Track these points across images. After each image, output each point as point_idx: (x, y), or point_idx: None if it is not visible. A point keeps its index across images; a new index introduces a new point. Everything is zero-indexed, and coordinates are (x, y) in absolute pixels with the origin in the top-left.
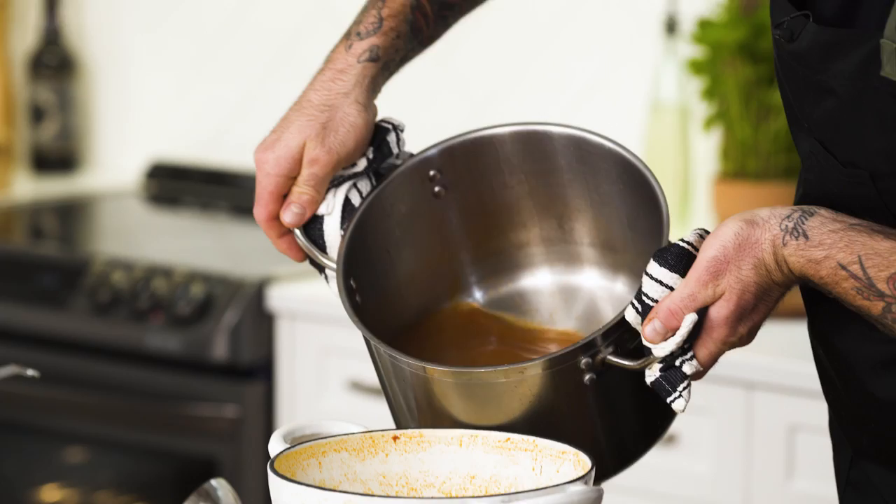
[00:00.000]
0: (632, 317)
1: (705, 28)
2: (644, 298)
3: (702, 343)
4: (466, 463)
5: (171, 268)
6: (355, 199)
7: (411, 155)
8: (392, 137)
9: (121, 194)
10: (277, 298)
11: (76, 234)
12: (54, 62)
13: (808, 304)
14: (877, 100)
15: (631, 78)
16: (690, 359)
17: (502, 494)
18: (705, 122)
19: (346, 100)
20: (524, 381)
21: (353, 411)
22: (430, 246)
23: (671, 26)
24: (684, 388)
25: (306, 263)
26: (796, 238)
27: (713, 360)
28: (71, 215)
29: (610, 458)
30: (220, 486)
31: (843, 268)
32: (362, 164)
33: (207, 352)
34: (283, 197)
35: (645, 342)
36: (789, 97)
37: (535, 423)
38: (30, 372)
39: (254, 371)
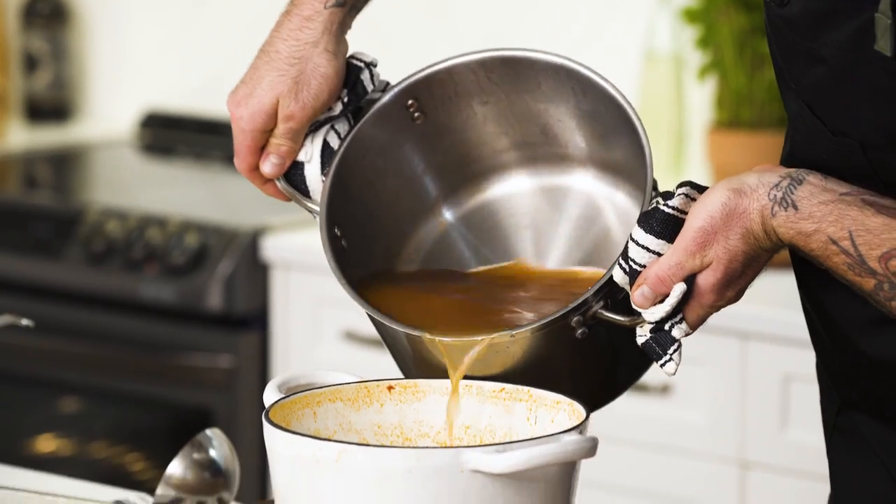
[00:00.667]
0: (619, 277)
1: None
2: (631, 263)
3: (690, 308)
4: (461, 413)
5: (166, 217)
6: (334, 142)
7: (387, 85)
8: (366, 75)
9: (114, 144)
10: (272, 248)
11: (70, 184)
12: (47, 11)
13: (796, 263)
14: (869, 72)
15: (625, 27)
16: (680, 322)
17: (497, 444)
18: (699, 71)
19: (316, 50)
20: (515, 342)
21: (347, 361)
22: (412, 170)
23: None
24: (674, 351)
25: (302, 213)
26: (785, 209)
27: (702, 321)
28: (65, 165)
29: (596, 396)
30: (214, 435)
31: (834, 243)
32: (338, 108)
33: (202, 302)
34: (262, 149)
35: (635, 306)
36: (778, 59)
37: (528, 373)
38: (24, 321)
39: (248, 321)
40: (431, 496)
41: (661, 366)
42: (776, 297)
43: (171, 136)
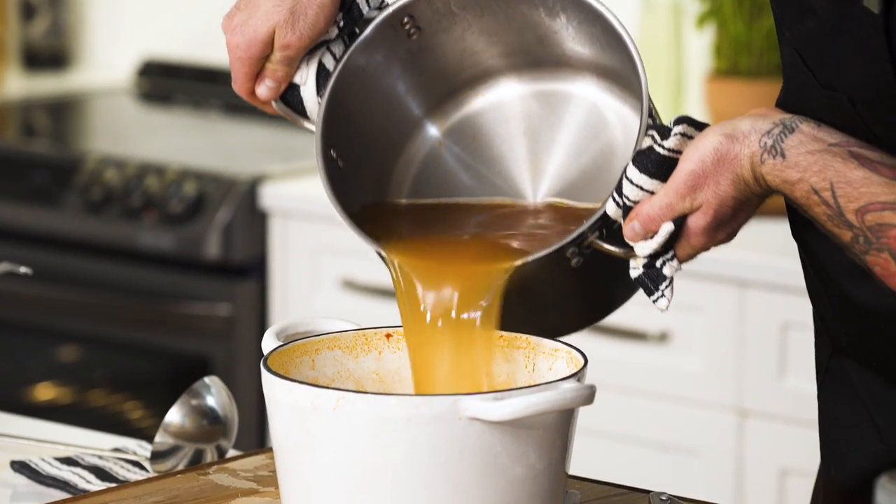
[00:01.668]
0: (612, 211)
1: None
2: (625, 199)
3: (680, 247)
4: None
5: (164, 166)
6: (329, 64)
7: (383, 3)
8: None
9: (113, 92)
10: (270, 196)
11: (68, 132)
12: None
13: (790, 209)
14: (857, 28)
15: None
16: (671, 259)
17: (495, 392)
18: (698, 18)
19: None
20: (512, 272)
21: (345, 309)
22: (403, 86)
23: None
24: (666, 287)
25: (301, 161)
26: (774, 157)
27: (692, 258)
28: (62, 113)
29: (587, 317)
30: (212, 383)
31: (816, 193)
32: (334, 31)
33: (200, 250)
34: (259, 73)
35: (626, 240)
36: (773, 4)
37: (520, 300)
38: (22, 269)
39: (247, 269)
40: (429, 443)
41: (654, 301)
42: (775, 244)
43: (169, 84)
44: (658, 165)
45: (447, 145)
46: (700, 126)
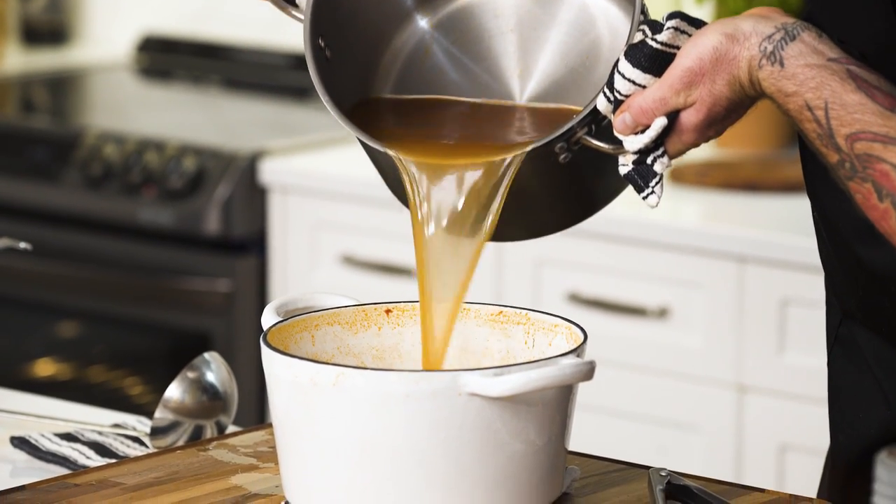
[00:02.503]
0: (603, 106)
1: None
2: (616, 94)
3: (671, 143)
4: (459, 336)
5: (164, 141)
6: None
7: None
8: None
9: (112, 67)
10: (269, 172)
11: (67, 108)
12: None
13: (805, 166)
14: None
15: None
16: (662, 155)
17: (494, 367)
18: None
19: None
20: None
21: (345, 285)
22: None
23: None
24: (656, 184)
25: (300, 136)
26: (772, 64)
27: (682, 154)
28: (62, 88)
29: (573, 214)
30: (212, 359)
31: (809, 109)
32: None
33: (200, 226)
34: None
35: (616, 133)
36: None
37: (507, 196)
38: (22, 245)
39: (246, 245)
40: (429, 419)
41: (644, 198)
42: (774, 221)
43: (168, 59)
44: (651, 59)
45: (436, 38)
46: (695, 22)
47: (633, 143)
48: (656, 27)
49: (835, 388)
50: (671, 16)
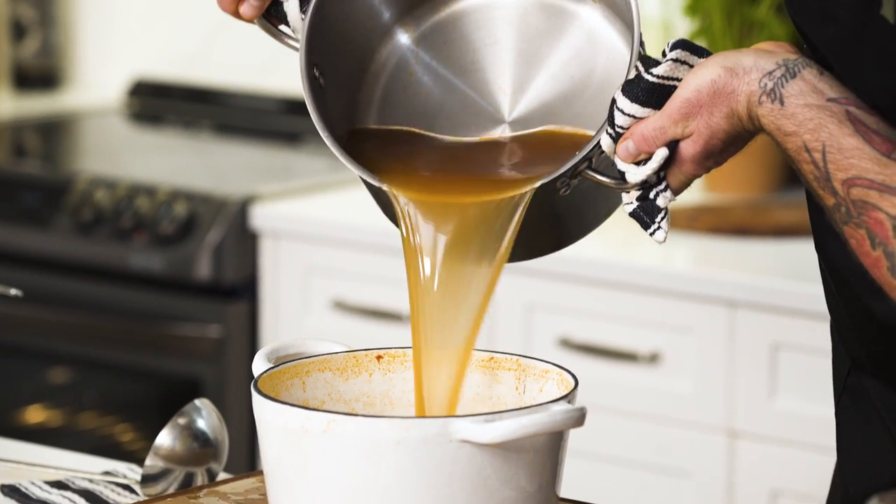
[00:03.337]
0: (606, 143)
1: None
2: (618, 129)
3: (672, 174)
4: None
5: (155, 186)
6: None
7: None
8: None
9: (103, 112)
10: (261, 217)
11: (59, 153)
12: None
13: (813, 217)
14: (878, 36)
15: None
16: (664, 190)
17: (485, 413)
18: (688, 37)
19: None
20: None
21: (336, 331)
22: None
23: None
24: (662, 219)
25: (291, 181)
26: (772, 101)
27: (685, 187)
28: (53, 133)
29: (563, 239)
30: (203, 406)
31: (807, 151)
32: None
33: (191, 271)
34: None
35: (620, 166)
36: (795, 20)
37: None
38: (13, 291)
39: (237, 290)
40: (420, 466)
41: (651, 234)
42: (765, 265)
43: (159, 104)
44: (648, 93)
45: (419, 55)
46: (698, 51)
47: (636, 174)
48: (649, 62)
49: (844, 438)
50: (674, 45)
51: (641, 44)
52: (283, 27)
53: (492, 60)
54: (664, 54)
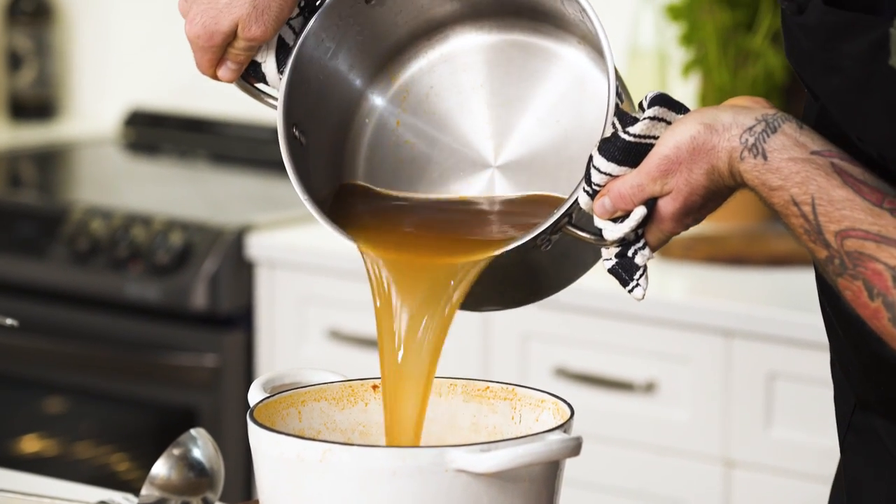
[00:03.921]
0: (584, 201)
1: None
2: (594, 187)
3: (650, 232)
4: (446, 411)
5: (150, 216)
6: (290, 38)
7: None
8: None
9: (99, 142)
10: (257, 246)
11: (54, 183)
12: (31, 8)
13: (817, 269)
14: (885, 87)
15: (609, 23)
16: (643, 247)
17: (482, 443)
18: (684, 67)
19: None
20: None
21: (332, 360)
22: (357, 54)
23: None
24: (640, 276)
25: (287, 210)
26: (755, 156)
27: (663, 244)
28: (49, 163)
29: (542, 291)
30: (199, 435)
31: (796, 205)
32: (294, 11)
33: (186, 301)
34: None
35: (597, 223)
36: (793, 63)
37: (481, 282)
38: (8, 321)
39: (233, 320)
40: (416, 496)
41: (629, 291)
42: (760, 294)
43: (155, 134)
44: (625, 152)
45: (401, 105)
46: (678, 107)
47: (614, 231)
48: (626, 119)
49: (851, 476)
50: (652, 101)
51: (619, 95)
52: (261, 86)
53: (476, 106)
54: (641, 107)
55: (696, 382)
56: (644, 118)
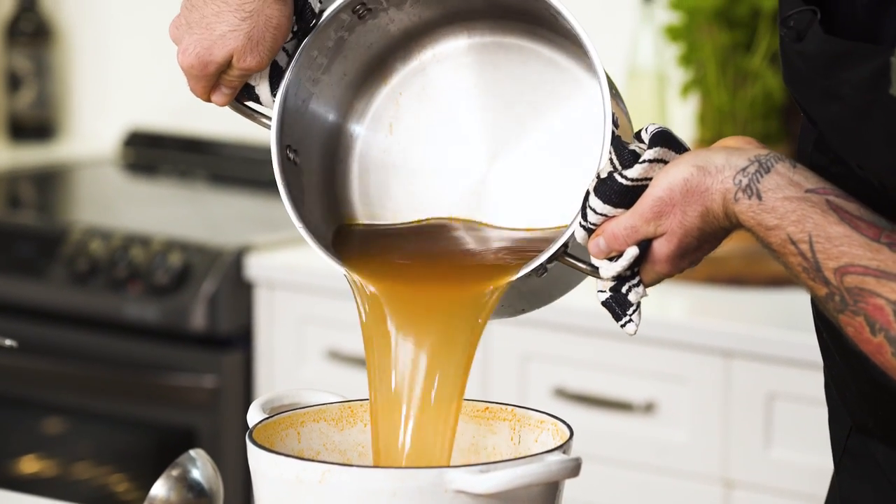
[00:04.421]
0: (580, 236)
1: None
2: (590, 224)
3: (645, 272)
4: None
5: (149, 237)
6: (283, 62)
7: None
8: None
9: (98, 162)
10: (256, 267)
11: (54, 203)
12: (31, 29)
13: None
14: (886, 115)
15: (608, 44)
16: (637, 285)
17: (481, 464)
18: (682, 88)
19: (266, 1)
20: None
21: (331, 381)
22: (344, 73)
23: None
24: (633, 312)
25: (286, 231)
26: (749, 197)
27: (657, 283)
28: (48, 184)
29: (529, 307)
30: (198, 456)
31: (793, 243)
32: (288, 36)
33: (186, 321)
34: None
35: (593, 260)
36: (791, 89)
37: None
38: (7, 342)
39: (232, 340)
40: None
41: (622, 326)
42: (760, 315)
43: (154, 154)
44: (621, 195)
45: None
46: (677, 145)
47: (608, 270)
48: (625, 158)
49: (846, 500)
50: (652, 141)
51: (615, 121)
52: (256, 106)
53: (467, 115)
54: (640, 137)
55: (696, 403)
56: (643, 161)
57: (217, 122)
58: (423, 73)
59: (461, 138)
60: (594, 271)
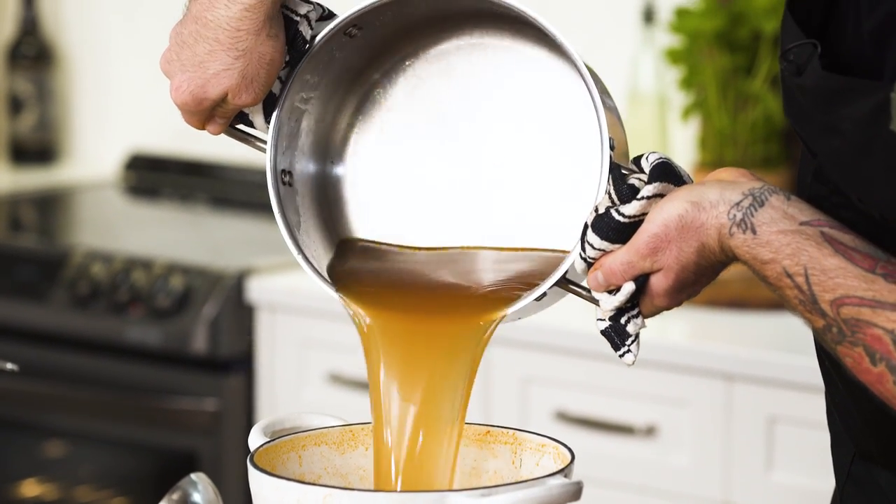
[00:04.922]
0: (580, 267)
1: (683, 17)
2: (589, 258)
3: (644, 305)
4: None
5: (151, 260)
6: (276, 88)
7: (329, 13)
8: (304, 27)
9: (99, 186)
10: (257, 290)
11: (55, 227)
12: (32, 53)
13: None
14: (886, 151)
15: (609, 67)
16: (636, 316)
17: (482, 488)
18: (683, 111)
19: (259, 38)
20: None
21: (333, 404)
22: (336, 87)
23: (649, 15)
24: (632, 343)
25: (287, 254)
26: (744, 231)
27: (656, 315)
28: (49, 207)
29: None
30: (199, 480)
31: (789, 276)
32: (281, 67)
33: (187, 344)
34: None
35: (592, 293)
36: (792, 122)
37: None
38: (9, 366)
39: (233, 364)
40: None
41: (620, 356)
42: (761, 338)
43: (155, 177)
44: (618, 232)
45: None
46: (676, 178)
47: (607, 303)
48: (622, 192)
49: None
50: (652, 175)
51: (612, 145)
52: (251, 130)
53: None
54: (639, 165)
55: (697, 426)
56: (641, 197)
57: (218, 145)
58: (414, 78)
59: (454, 148)
60: (595, 301)
